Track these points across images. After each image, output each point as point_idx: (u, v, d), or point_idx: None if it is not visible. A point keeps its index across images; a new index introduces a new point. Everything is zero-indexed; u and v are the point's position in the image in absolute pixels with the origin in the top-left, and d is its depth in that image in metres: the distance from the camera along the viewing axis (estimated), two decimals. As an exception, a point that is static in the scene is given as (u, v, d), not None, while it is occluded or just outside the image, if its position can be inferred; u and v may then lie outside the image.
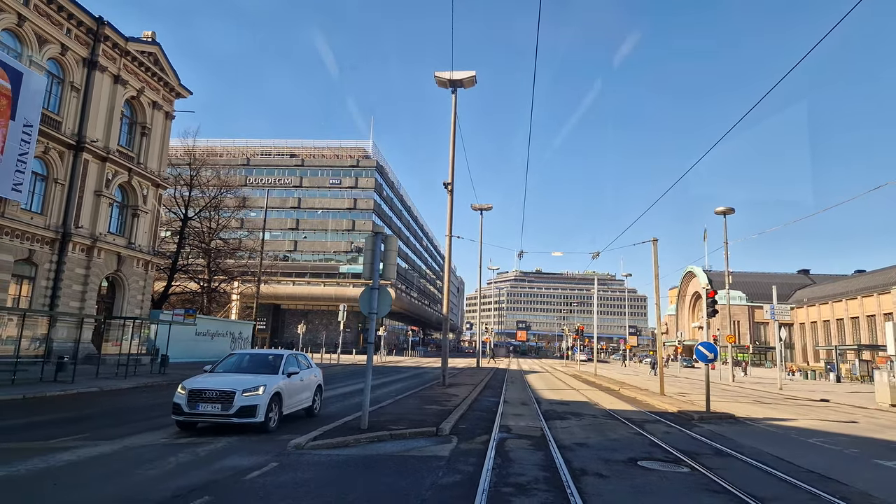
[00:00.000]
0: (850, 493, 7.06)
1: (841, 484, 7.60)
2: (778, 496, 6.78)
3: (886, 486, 7.80)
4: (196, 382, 10.13)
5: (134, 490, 6.19)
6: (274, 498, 6.00)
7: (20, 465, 7.07)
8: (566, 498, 6.30)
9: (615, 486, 7.02)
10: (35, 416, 11.75)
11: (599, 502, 6.24)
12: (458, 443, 9.55)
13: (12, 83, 23.39)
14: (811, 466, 8.74)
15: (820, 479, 7.87)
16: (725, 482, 7.32)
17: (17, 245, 24.12)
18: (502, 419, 12.99)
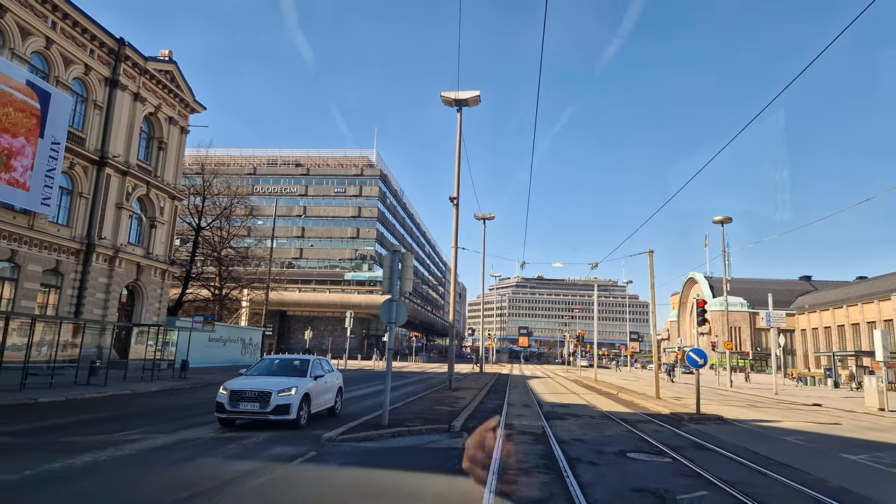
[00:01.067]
0: (807, 479, 8.33)
1: (802, 472, 8.87)
2: (741, 479, 8.06)
3: (842, 473, 9.07)
4: (235, 384, 11.45)
5: (208, 471, 7.51)
6: (317, 478, 7.31)
7: (101, 454, 8.38)
8: (563, 478, 7.60)
9: (604, 471, 8.31)
10: (83, 416, 13.04)
11: (589, 481, 7.52)
12: (468, 437, 10.83)
13: (41, 103, 24.90)
14: (781, 458, 10.01)
15: (785, 467, 9.15)
16: (699, 468, 8.61)
17: (45, 256, 25.55)
18: (507, 418, 14.28)
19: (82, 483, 6.80)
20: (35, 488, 6.40)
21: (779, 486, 7.80)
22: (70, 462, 7.66)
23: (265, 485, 6.88)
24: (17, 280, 24.49)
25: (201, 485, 6.71)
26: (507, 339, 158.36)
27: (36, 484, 6.56)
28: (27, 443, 9.26)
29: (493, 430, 8.13)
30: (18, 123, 23.85)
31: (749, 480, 8.06)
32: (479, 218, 41.30)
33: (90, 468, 7.45)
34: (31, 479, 6.78)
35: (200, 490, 6.47)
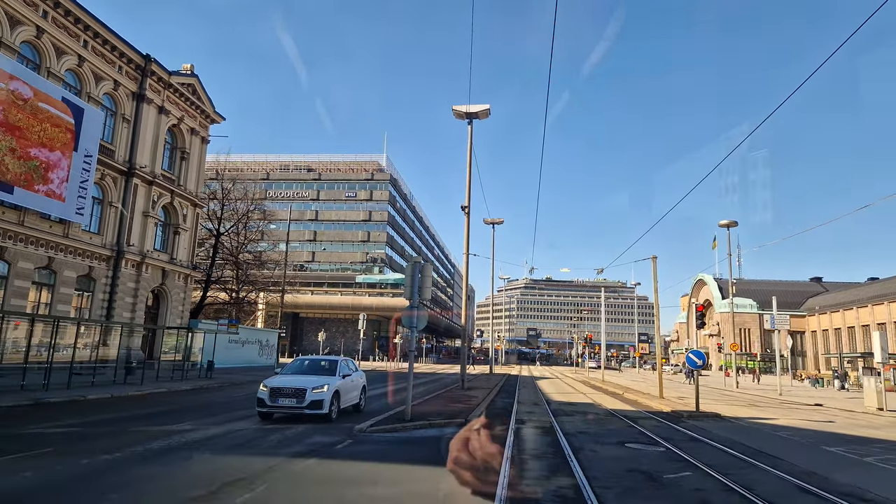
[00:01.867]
0: (780, 464, 9.58)
1: (778, 459, 10.12)
2: (722, 464, 9.34)
3: (814, 461, 10.32)
4: (274, 382, 12.86)
5: (263, 453, 8.91)
6: (360, 458, 8.69)
7: (169, 441, 9.81)
8: (567, 461, 8.92)
9: (603, 456, 9.63)
10: (135, 410, 14.50)
11: (590, 464, 8.83)
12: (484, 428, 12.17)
13: (75, 118, 26.57)
14: (763, 449, 11.26)
15: (764, 455, 10.41)
16: (687, 456, 9.89)
17: (79, 262, 27.20)
18: (517, 414, 15.60)
19: (168, 462, 8.22)
20: (135, 465, 7.82)
21: (752, 468, 9.08)
22: (148, 447, 9.10)
23: (318, 464, 8.27)
24: (53, 285, 26.14)
25: (265, 463, 8.10)
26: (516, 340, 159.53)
27: (133, 462, 7.98)
28: (104, 432, 10.72)
29: (505, 424, 10.00)
30: (55, 138, 25.53)
31: (729, 464, 9.34)
32: (488, 223, 42.63)
33: (167, 451, 8.88)
34: (127, 458, 8.21)
35: (268, 467, 7.87)
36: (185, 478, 7.46)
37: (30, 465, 7.66)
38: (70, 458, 8.18)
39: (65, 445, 9.17)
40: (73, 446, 9.13)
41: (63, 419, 12.20)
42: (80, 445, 9.21)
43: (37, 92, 24.69)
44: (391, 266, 78.45)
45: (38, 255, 25.21)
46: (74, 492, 6.49)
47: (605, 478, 7.88)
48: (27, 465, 7.64)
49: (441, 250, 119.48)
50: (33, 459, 8.04)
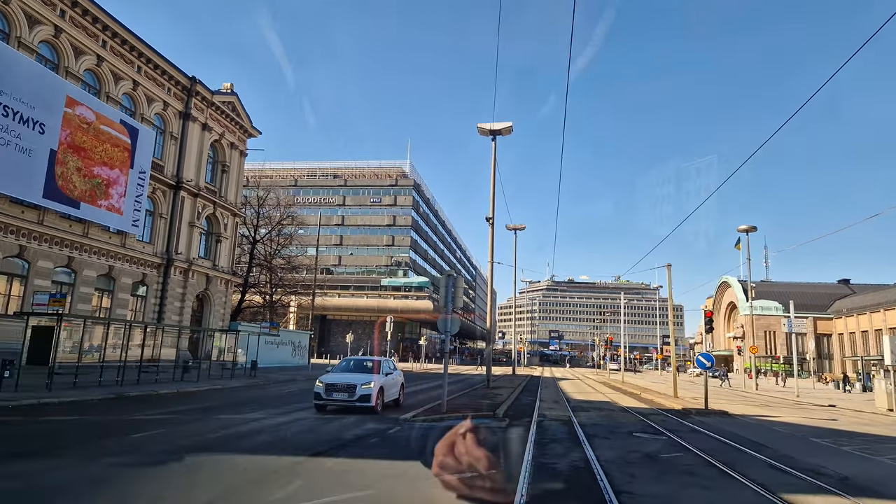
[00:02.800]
0: (764, 450, 11.35)
1: (763, 446, 11.90)
2: (712, 448, 11.18)
3: (797, 448, 12.06)
4: (327, 378, 15.03)
5: (330, 435, 11.02)
6: (411, 439, 10.76)
7: (252, 424, 12.00)
8: (581, 445, 10.86)
9: (612, 443, 11.54)
10: (207, 403, 16.79)
11: (600, 448, 10.76)
12: (510, 421, 14.16)
13: (131, 138, 29.29)
14: (754, 438, 13.03)
15: (752, 443, 12.19)
16: (685, 443, 11.74)
17: (134, 270, 29.92)
18: (539, 410, 17.54)
19: (262, 438, 10.40)
20: (242, 440, 10.02)
21: (737, 452, 10.91)
22: (240, 429, 11.32)
23: (380, 441, 10.38)
24: (112, 291, 28.88)
25: (339, 439, 10.20)
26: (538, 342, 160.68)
27: (240, 439, 10.21)
28: (195, 418, 12.99)
29: (529, 417, 12.56)
30: (114, 157, 28.25)
31: (718, 449, 11.18)
32: (510, 229, 44.49)
33: (259, 432, 11.09)
34: (233, 436, 10.45)
35: (342, 442, 9.99)
36: (286, 448, 9.58)
37: (162, 439, 9.90)
38: (185, 435, 10.41)
39: (173, 427, 11.43)
40: (181, 428, 11.38)
41: (153, 409, 14.53)
42: (186, 427, 11.47)
43: (98, 115, 27.43)
44: (414, 269, 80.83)
45: (99, 264, 27.94)
46: (217, 448, 8.68)
47: (611, 456, 9.82)
48: (159, 439, 9.88)
49: (463, 253, 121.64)
50: (160, 436, 10.27)
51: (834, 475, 8.78)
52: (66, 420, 12.20)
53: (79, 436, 10.43)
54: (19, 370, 17.14)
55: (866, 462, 10.68)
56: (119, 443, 9.65)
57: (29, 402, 14.52)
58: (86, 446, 9.30)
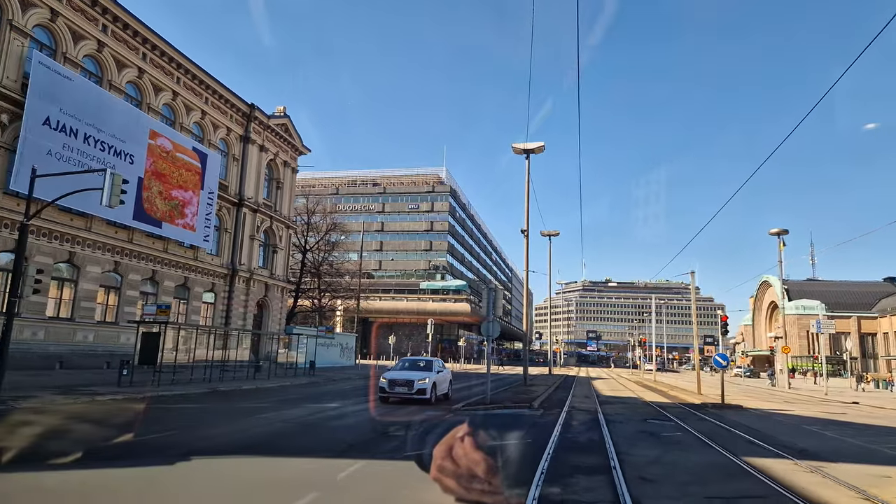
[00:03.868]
0: (752, 432, 13.98)
1: (756, 430, 14.52)
2: (708, 430, 13.89)
3: (784, 432, 14.63)
4: (390, 375, 18.28)
5: (402, 418, 14.20)
6: (458, 412, 13.85)
7: (334, 411, 15.30)
8: (600, 428, 13.74)
9: (626, 427, 14.39)
10: (287, 396, 20.25)
11: (614, 429, 13.61)
12: (544, 411, 17.11)
13: (201, 162, 33.36)
14: (751, 425, 15.62)
15: (748, 429, 14.81)
16: (688, 427, 14.47)
17: (205, 280, 34.00)
18: (570, 403, 20.41)
19: (350, 420, 13.67)
20: (335, 420, 13.29)
21: (728, 433, 13.61)
22: (328, 414, 14.65)
23: (441, 423, 13.51)
24: (187, 300, 32.98)
25: (406, 421, 13.35)
26: (575, 342, 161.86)
27: (333, 419, 13.50)
28: (290, 406, 16.41)
29: (560, 408, 16.48)
30: (188, 180, 32.33)
31: (714, 431, 13.90)
32: (545, 234, 47.13)
33: (344, 416, 14.38)
34: (327, 417, 13.73)
35: (410, 423, 13.14)
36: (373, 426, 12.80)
37: (278, 419, 13.26)
38: (291, 418, 13.75)
39: (277, 412, 14.82)
40: (280, 414, 14.74)
41: (249, 401, 18.04)
42: (288, 412, 14.85)
43: (175, 144, 31.56)
44: (452, 273, 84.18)
45: (177, 275, 32.07)
46: (323, 425, 11.96)
47: (623, 435, 12.70)
48: (276, 419, 13.24)
49: (499, 255, 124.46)
50: (275, 416, 13.63)
51: (794, 447, 11.47)
52: (194, 407, 15.77)
53: (221, 416, 13.89)
54: (132, 369, 20.97)
55: (831, 441, 13.24)
56: (256, 419, 13.08)
57: (150, 394, 18.23)
58: (239, 421, 12.72)
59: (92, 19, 26.97)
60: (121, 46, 28.49)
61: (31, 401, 14.64)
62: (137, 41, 29.35)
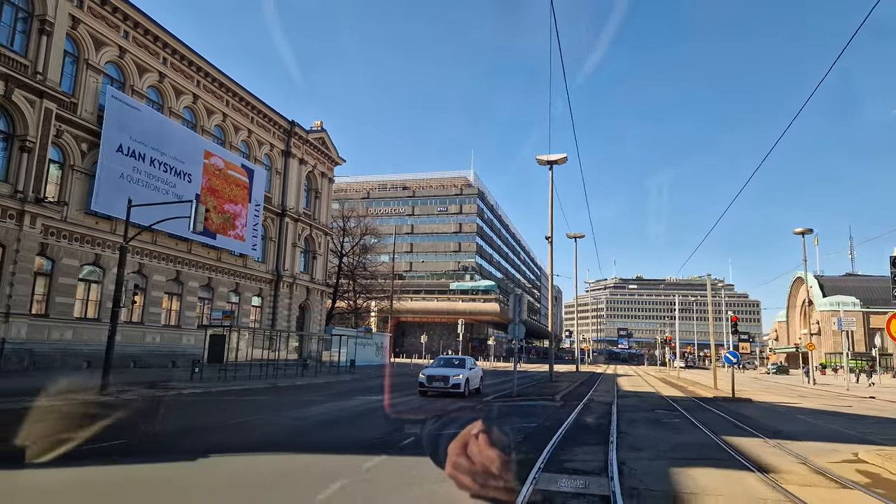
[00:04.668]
0: (746, 420, 16.24)
1: (749, 418, 16.77)
2: (706, 418, 16.24)
3: (774, 420, 16.87)
4: (428, 371, 21.04)
5: (438, 408, 16.94)
6: (493, 410, 16.50)
7: (385, 402, 18.12)
8: (610, 415, 16.22)
9: (634, 414, 16.85)
10: (336, 390, 23.17)
11: (622, 416, 16.05)
12: (564, 402, 19.63)
13: (249, 178, 36.68)
14: (748, 414, 17.86)
15: (741, 416, 17.08)
16: (689, 415, 16.83)
17: (254, 285, 37.38)
18: (590, 396, 22.88)
19: (400, 408, 16.48)
20: (381, 409, 16.11)
21: (720, 419, 15.96)
22: (377, 405, 17.53)
23: (472, 411, 16.18)
24: (238, 304, 36.38)
25: (444, 410, 16.06)
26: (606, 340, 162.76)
27: (378, 409, 16.35)
28: (343, 399, 19.33)
29: (580, 401, 19.73)
30: (238, 195, 35.69)
31: (710, 419, 16.24)
32: (570, 237, 49.32)
33: (392, 405, 17.19)
34: (375, 407, 16.59)
35: (448, 411, 15.86)
36: (418, 412, 15.57)
37: (337, 409, 16.12)
38: (345, 409, 16.61)
39: (332, 403, 17.71)
40: (337, 405, 17.63)
41: (306, 394, 21.03)
42: (342, 403, 17.74)
43: (226, 162, 34.93)
44: (480, 273, 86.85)
45: (229, 282, 35.49)
46: (379, 413, 14.78)
47: (628, 421, 15.19)
48: (332, 407, 16.12)
49: (527, 254, 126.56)
50: (335, 406, 16.50)
51: (772, 430, 13.79)
52: (264, 399, 18.80)
53: (290, 406, 16.85)
54: (202, 367, 24.21)
55: (811, 426, 15.48)
56: (322, 407, 16.01)
57: (221, 388, 21.38)
58: (309, 408, 15.65)
59: (154, 53, 30.42)
60: (178, 76, 31.92)
61: (129, 393, 17.85)
62: (192, 70, 32.76)
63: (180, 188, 31.51)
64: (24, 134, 23.18)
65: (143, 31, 29.52)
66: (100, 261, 27.61)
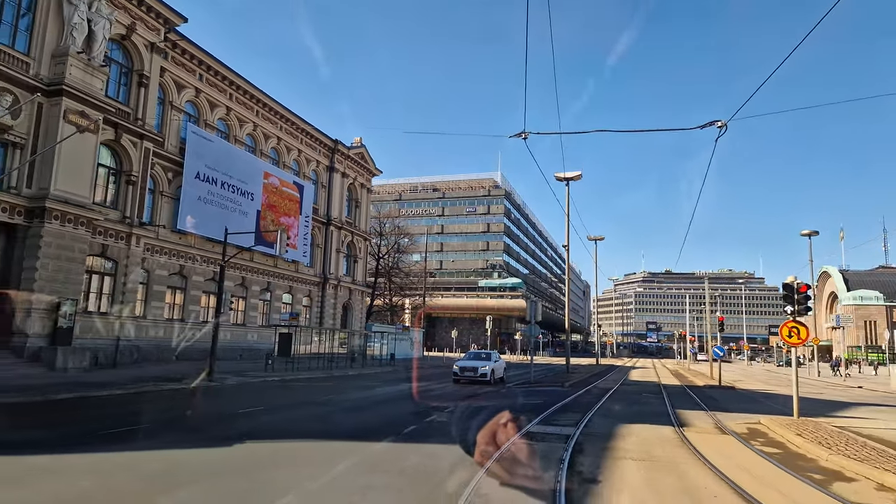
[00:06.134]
0: (709, 400, 21.03)
1: (713, 399, 21.57)
2: (680, 399, 21.11)
3: (733, 400, 21.61)
4: (460, 363, 26.35)
5: (470, 391, 22.21)
6: (510, 393, 21.71)
7: (437, 386, 23.44)
8: (602, 398, 21.24)
9: (623, 396, 21.94)
10: (382, 379, 28.61)
11: (612, 398, 21.04)
12: (570, 388, 24.67)
13: (299, 192, 42.41)
14: (716, 397, 22.65)
15: (708, 398, 21.91)
16: (667, 397, 21.75)
17: (304, 287, 43.23)
18: (596, 384, 27.86)
19: (438, 392, 21.82)
20: (426, 391, 21.46)
21: (688, 398, 20.85)
22: (422, 389, 22.87)
23: (496, 393, 21.41)
24: (291, 304, 42.24)
25: (474, 393, 21.28)
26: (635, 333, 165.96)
27: (424, 391, 21.73)
28: (390, 385, 24.72)
29: (586, 387, 26.07)
30: (291, 209, 41.45)
31: (681, 399, 21.09)
32: (591, 239, 53.92)
33: (430, 389, 22.57)
34: (420, 391, 21.96)
35: (478, 394, 21.11)
36: (454, 394, 20.84)
37: (390, 390, 21.51)
38: (402, 390, 21.95)
39: (388, 387, 23.08)
40: (394, 388, 22.99)
41: (362, 381, 26.50)
42: (395, 387, 23.13)
43: (281, 180, 40.70)
44: (508, 271, 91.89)
45: (284, 285, 41.35)
46: (424, 394, 20.12)
47: (615, 400, 20.23)
48: (389, 390, 21.50)
49: (554, 251, 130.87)
50: (392, 388, 21.86)
51: (721, 407, 18.67)
52: (329, 385, 24.33)
53: (353, 389, 22.29)
54: (274, 359, 29.93)
55: (756, 405, 20.28)
56: (379, 391, 21.42)
57: (290, 377, 27.02)
58: (370, 391, 21.07)
59: (222, 91, 36.22)
60: (241, 107, 37.71)
61: (229, 380, 23.53)
62: (252, 101, 38.52)
63: (244, 205, 37.38)
64: (130, 169, 29.12)
65: (213, 73, 35.31)
66: (182, 270, 33.57)
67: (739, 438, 12.21)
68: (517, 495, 7.18)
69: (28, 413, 13.20)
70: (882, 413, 19.63)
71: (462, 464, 8.62)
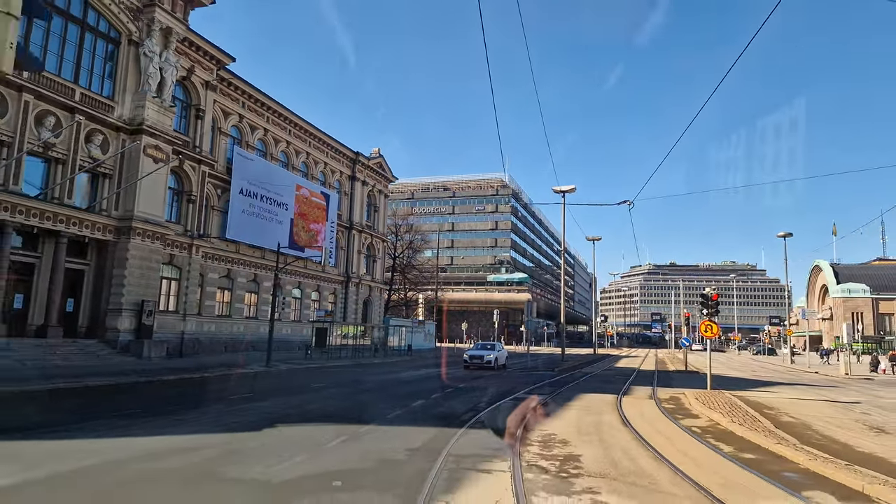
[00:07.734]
0: (665, 380, 26.79)
1: (672, 379, 27.35)
2: (641, 380, 26.96)
3: (683, 380, 27.40)
4: (469, 353, 32.44)
5: (476, 374, 28.16)
6: (508, 375, 27.66)
7: (456, 371, 29.40)
8: (578, 379, 27.09)
9: (598, 378, 27.78)
10: (405, 366, 34.58)
11: (586, 377, 26.87)
12: (558, 372, 30.56)
13: (326, 201, 48.40)
14: (675, 378, 28.45)
15: (666, 377, 27.70)
16: (633, 378, 27.55)
17: (329, 286, 49.37)
18: (582, 370, 33.70)
19: (454, 375, 27.77)
20: (460, 377, 27.44)
21: (645, 378, 26.66)
22: (437, 374, 28.86)
23: (497, 375, 27.42)
24: (319, 301, 48.36)
25: (481, 375, 27.22)
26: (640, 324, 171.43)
27: (437, 375, 27.68)
28: (414, 369, 30.68)
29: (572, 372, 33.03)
30: (318, 216, 47.46)
31: (644, 379, 26.91)
32: (589, 239, 59.54)
33: (448, 373, 28.51)
34: (439, 374, 27.93)
35: (484, 376, 27.11)
36: (464, 376, 26.80)
37: (414, 373, 27.48)
38: (425, 373, 27.88)
39: (413, 371, 29.02)
40: (418, 372, 28.92)
41: (386, 368, 32.47)
42: (419, 371, 29.09)
43: (311, 192, 46.69)
44: (515, 266, 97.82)
45: (313, 284, 47.48)
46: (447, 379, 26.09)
47: (588, 379, 26.12)
48: (414, 374, 27.47)
49: (560, 244, 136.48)
50: (416, 375, 27.80)
51: (669, 384, 24.37)
52: (360, 370, 30.31)
53: (379, 374, 28.21)
54: (311, 350, 35.99)
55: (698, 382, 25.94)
56: (406, 374, 27.36)
57: (328, 365, 33.06)
58: (396, 373, 27.02)
59: (260, 115, 42.14)
60: (276, 128, 43.64)
61: (281, 366, 29.57)
62: (285, 122, 44.43)
63: (280, 215, 43.43)
64: (190, 190, 35.14)
65: (254, 101, 41.23)
66: (230, 273, 39.64)
67: (657, 401, 18.02)
68: (503, 417, 13.19)
69: (167, 388, 19.26)
70: (788, 390, 25.30)
71: (473, 410, 14.58)
